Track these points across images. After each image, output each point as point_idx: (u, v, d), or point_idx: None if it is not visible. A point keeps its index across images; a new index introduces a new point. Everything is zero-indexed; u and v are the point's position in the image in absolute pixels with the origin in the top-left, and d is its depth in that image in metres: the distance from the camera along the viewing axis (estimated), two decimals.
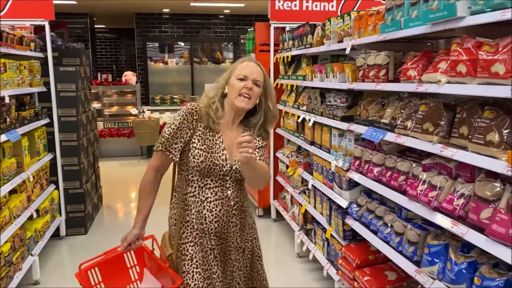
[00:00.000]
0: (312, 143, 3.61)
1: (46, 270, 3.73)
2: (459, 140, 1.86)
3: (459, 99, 2.09)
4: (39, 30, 4.29)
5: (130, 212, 5.46)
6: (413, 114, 2.20)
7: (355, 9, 4.58)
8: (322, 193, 3.37)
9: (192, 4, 9.41)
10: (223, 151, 1.93)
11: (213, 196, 1.93)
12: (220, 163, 1.91)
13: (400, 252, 2.30)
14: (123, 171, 7.57)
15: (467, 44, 1.75)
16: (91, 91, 6.07)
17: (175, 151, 1.93)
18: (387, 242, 2.43)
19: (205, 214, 1.94)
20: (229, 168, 1.93)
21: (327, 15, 4.56)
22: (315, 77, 3.52)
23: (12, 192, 3.39)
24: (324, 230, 3.35)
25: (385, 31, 2.36)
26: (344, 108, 3.06)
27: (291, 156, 4.21)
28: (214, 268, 1.96)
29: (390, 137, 2.33)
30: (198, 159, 1.89)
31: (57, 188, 4.37)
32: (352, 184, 2.92)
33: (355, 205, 2.86)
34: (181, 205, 1.98)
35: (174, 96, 10.33)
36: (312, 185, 3.57)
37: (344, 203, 2.94)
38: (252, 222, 2.14)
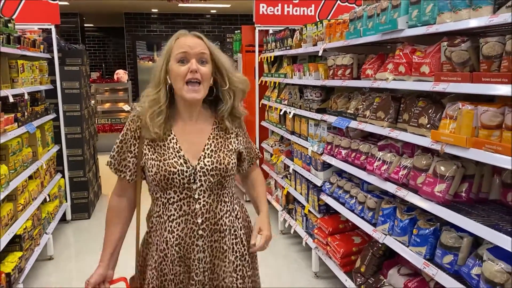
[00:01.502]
0: (293, 132, 4.13)
1: (57, 249, 4.18)
2: (403, 124, 2.39)
3: (404, 93, 2.63)
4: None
5: None
6: (370, 105, 2.73)
7: (331, 14, 5.14)
8: (301, 175, 3.89)
9: (180, 4, 9.84)
10: (178, 153, 1.55)
11: (177, 213, 1.56)
12: (178, 170, 1.53)
13: (362, 218, 2.84)
14: None
15: (405, 50, 2.29)
16: None
17: (126, 169, 1.60)
18: (352, 211, 2.96)
19: (166, 237, 1.57)
20: (193, 172, 1.54)
21: (306, 18, 5.10)
22: (294, 75, 4.04)
23: (29, 178, 3.83)
24: (303, 207, 3.87)
25: (349, 37, 2.88)
26: (319, 102, 3.58)
27: (275, 146, 4.72)
28: None
29: (353, 124, 2.86)
30: (151, 171, 1.55)
31: (63, 176, 4.82)
32: (326, 166, 3.45)
33: (328, 183, 3.39)
34: (148, 226, 1.68)
35: None
36: (293, 170, 4.09)
37: (319, 182, 3.47)
38: (243, 250, 1.66)
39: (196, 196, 1.56)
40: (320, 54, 3.36)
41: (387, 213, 2.56)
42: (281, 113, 4.36)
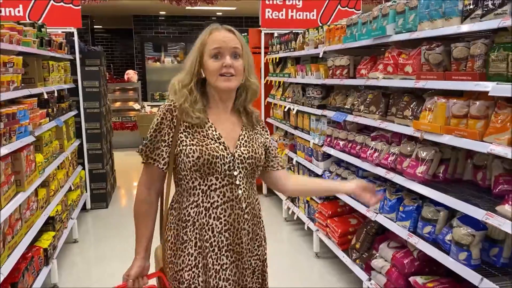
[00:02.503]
0: (296, 127, 4.51)
1: (80, 233, 4.58)
2: (391, 117, 2.77)
3: (393, 89, 3.00)
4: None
5: None
6: (364, 101, 3.10)
7: (332, 18, 5.52)
8: (304, 166, 4.27)
9: (187, 7, 10.23)
10: (218, 139, 1.57)
11: (221, 199, 1.55)
12: (220, 154, 1.54)
13: (357, 200, 3.22)
14: (128, 160, 8.36)
15: (393, 53, 2.67)
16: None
17: (159, 158, 1.59)
18: (349, 195, 3.34)
19: (212, 225, 1.55)
20: (232, 158, 1.57)
21: (308, 22, 5.49)
22: (298, 75, 4.42)
23: (57, 168, 4.22)
24: None
25: (346, 41, 3.26)
26: (320, 99, 3.96)
27: (279, 140, 5.10)
28: None
29: (350, 117, 3.24)
30: (193, 156, 1.53)
31: (84, 168, 5.21)
32: (325, 156, 3.83)
33: (327, 172, 3.77)
34: (178, 224, 1.60)
35: None
36: (296, 161, 4.47)
37: (319, 171, 3.85)
38: (263, 237, 1.74)
39: (238, 182, 1.57)
40: (320, 56, 3.74)
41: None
42: (285, 109, 4.74)
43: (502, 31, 1.93)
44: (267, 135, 1.78)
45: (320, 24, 5.21)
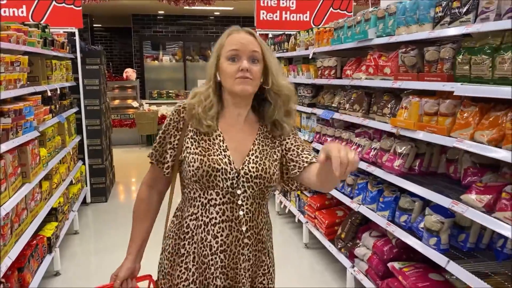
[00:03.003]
0: None
1: (81, 225, 4.77)
2: (373, 115, 2.97)
3: (375, 89, 3.21)
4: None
5: (136, 186, 6.52)
6: (350, 99, 3.31)
7: (324, 19, 5.71)
8: None
9: (186, 7, 10.42)
10: (224, 152, 1.46)
11: (219, 217, 1.45)
12: (222, 168, 1.43)
13: (343, 193, 3.42)
14: (126, 157, 8.58)
15: (374, 55, 2.87)
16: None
17: (165, 161, 1.52)
18: (335, 188, 3.54)
19: (209, 242, 1.45)
20: (236, 175, 1.44)
21: (302, 24, 5.68)
22: (290, 75, 4.62)
23: (59, 162, 4.41)
24: None
25: (333, 43, 3.46)
26: (310, 98, 4.16)
27: None
28: None
29: (336, 115, 3.44)
30: (193, 165, 1.44)
31: (84, 163, 5.40)
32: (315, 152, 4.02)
33: None
34: (178, 234, 1.52)
35: (169, 91, 11.32)
36: None
37: None
38: (270, 265, 1.60)
39: (240, 202, 1.45)
40: (310, 57, 3.94)
41: (361, 187, 3.14)
42: None
43: (467, 37, 2.14)
44: (290, 139, 1.54)
45: (313, 26, 5.43)
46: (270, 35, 5.66)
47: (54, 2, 5.10)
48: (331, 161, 1.14)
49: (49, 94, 3.82)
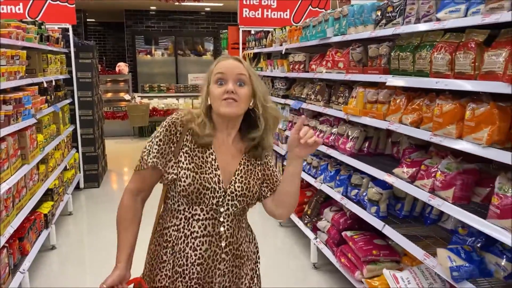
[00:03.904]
0: None
1: (74, 208, 5.16)
2: (332, 104, 3.37)
3: (335, 81, 3.61)
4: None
5: (128, 174, 6.92)
6: (314, 91, 3.71)
7: (304, 17, 6.10)
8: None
9: (176, 3, 10.76)
10: (216, 171, 1.52)
11: (201, 231, 1.51)
12: (212, 187, 1.50)
13: (309, 174, 3.83)
14: (119, 148, 8.95)
15: (332, 51, 3.27)
16: None
17: (166, 166, 1.55)
18: (303, 170, 3.95)
19: (187, 253, 1.52)
20: (223, 194, 1.52)
21: (282, 21, 6.07)
22: (267, 69, 5.01)
23: (54, 149, 4.79)
24: None
25: (301, 41, 3.86)
26: (284, 90, 4.55)
27: None
28: None
29: (304, 105, 3.85)
30: (185, 181, 1.49)
31: (77, 151, 5.78)
32: (288, 139, 4.43)
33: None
34: (160, 241, 1.59)
35: (161, 84, 11.66)
36: None
37: (282, 152, 4.47)
38: (250, 280, 1.64)
39: (221, 219, 1.52)
40: (283, 53, 4.34)
41: (322, 168, 3.56)
42: None
43: (400, 36, 2.54)
44: (269, 162, 1.65)
45: (293, 23, 5.82)
46: (252, 32, 6.04)
47: (49, 0, 5.45)
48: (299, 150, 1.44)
49: (45, 85, 4.19)
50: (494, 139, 1.77)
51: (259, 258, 1.72)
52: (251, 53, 5.77)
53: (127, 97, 9.86)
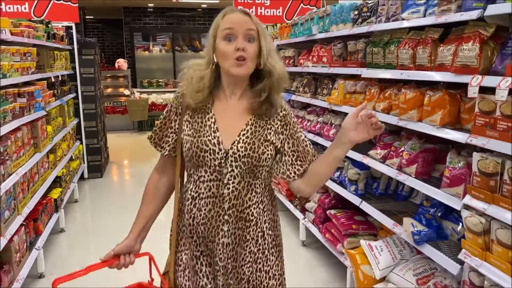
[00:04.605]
0: None
1: (80, 195, 5.48)
2: (318, 95, 3.70)
3: (321, 74, 3.94)
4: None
5: (128, 166, 7.24)
6: (302, 83, 4.03)
7: (296, 14, 6.41)
8: None
9: (174, 0, 11.06)
10: (214, 133, 1.51)
11: (206, 192, 1.52)
12: (210, 148, 1.49)
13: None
14: (120, 141, 9.26)
15: (317, 47, 3.59)
16: None
17: (166, 144, 1.61)
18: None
19: (194, 213, 1.55)
20: (225, 155, 1.49)
21: (275, 18, 6.37)
22: None
23: (61, 140, 5.10)
24: None
25: (291, 37, 4.18)
26: None
27: None
28: (203, 281, 1.57)
29: (293, 97, 4.17)
30: (185, 146, 1.53)
31: (81, 143, 6.09)
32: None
33: None
34: (179, 206, 1.63)
35: (159, 80, 11.96)
36: None
37: None
38: (257, 244, 1.58)
39: (225, 181, 1.49)
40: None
41: None
42: None
43: (374, 33, 2.86)
44: (288, 133, 1.56)
45: (286, 20, 6.13)
46: None
47: (53, 0, 5.74)
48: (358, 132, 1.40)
49: (53, 80, 4.50)
50: (445, 121, 2.10)
51: (271, 232, 1.60)
52: None
53: (126, 92, 10.16)
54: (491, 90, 1.76)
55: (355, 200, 3.01)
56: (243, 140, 1.50)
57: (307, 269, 3.60)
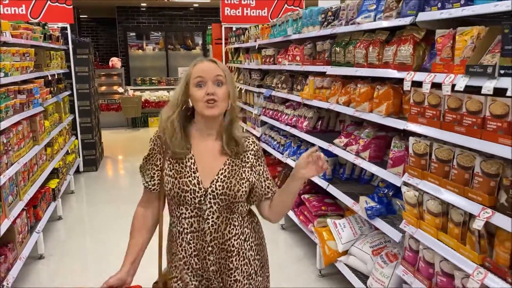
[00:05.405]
0: (245, 103, 5.77)
1: (76, 187, 5.81)
2: (294, 91, 4.04)
3: (297, 72, 4.28)
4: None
5: (122, 161, 7.56)
6: (281, 80, 4.37)
7: (280, 14, 6.75)
8: (250, 132, 5.54)
9: (166, 0, 11.36)
10: (194, 173, 1.63)
11: (189, 228, 1.65)
12: (191, 189, 1.61)
13: (278, 151, 4.51)
14: (113, 137, 9.58)
15: (292, 47, 3.93)
16: None
17: (151, 180, 1.70)
18: (274, 148, 4.63)
19: (184, 247, 1.67)
20: (204, 193, 1.62)
21: (261, 18, 6.72)
22: (245, 62, 5.66)
23: (57, 135, 5.42)
24: None
25: (270, 37, 4.52)
26: (259, 80, 5.21)
27: None
28: None
29: (273, 93, 4.51)
30: (167, 186, 1.65)
31: (77, 138, 6.41)
32: (263, 123, 5.10)
33: (263, 134, 5.05)
34: (169, 237, 1.76)
35: (152, 78, 12.27)
36: (245, 129, 5.74)
37: (258, 134, 5.14)
38: (239, 272, 1.69)
39: (205, 216, 1.62)
40: (256, 48, 4.99)
41: (287, 145, 4.24)
42: (239, 90, 6.00)
43: (337, 35, 3.21)
44: (260, 165, 1.72)
45: (271, 20, 6.46)
46: (234, 28, 6.68)
47: (49, 2, 6.05)
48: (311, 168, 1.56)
49: (50, 78, 4.82)
50: (390, 111, 2.46)
51: (258, 256, 1.74)
52: (232, 48, 6.42)
53: (120, 90, 10.47)
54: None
55: (322, 184, 3.36)
56: (221, 179, 1.63)
57: (284, 249, 3.95)
